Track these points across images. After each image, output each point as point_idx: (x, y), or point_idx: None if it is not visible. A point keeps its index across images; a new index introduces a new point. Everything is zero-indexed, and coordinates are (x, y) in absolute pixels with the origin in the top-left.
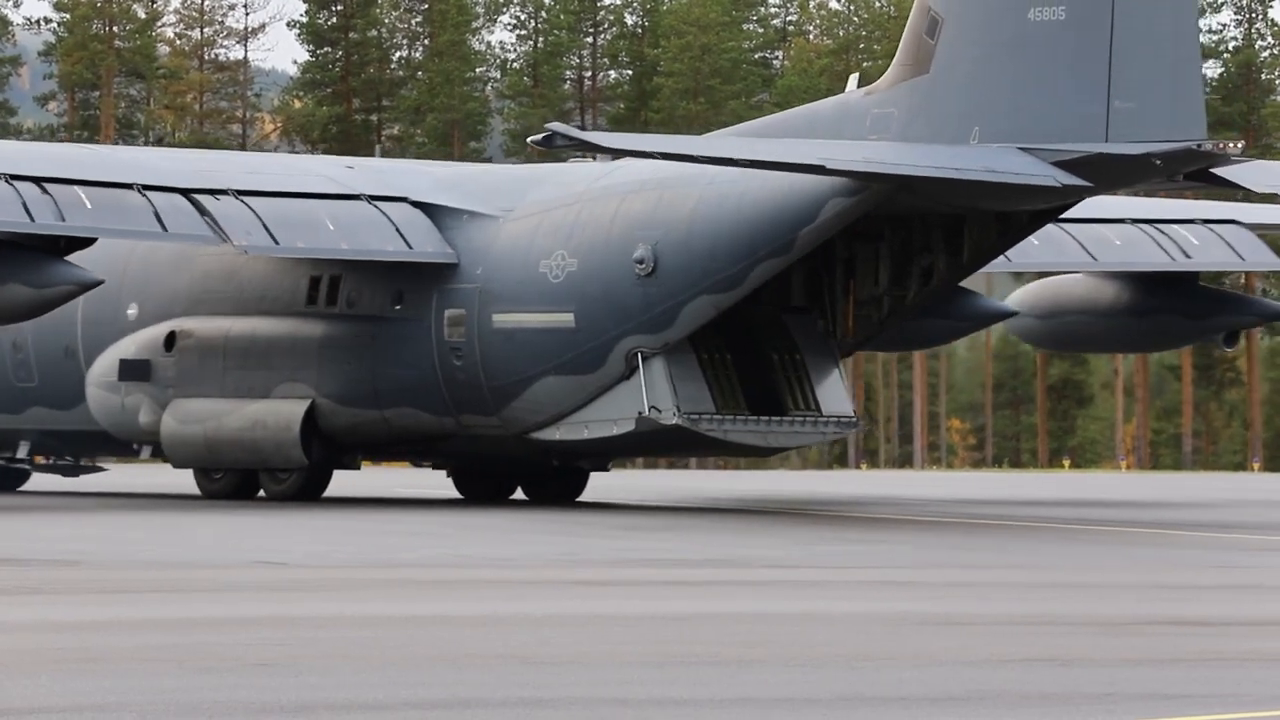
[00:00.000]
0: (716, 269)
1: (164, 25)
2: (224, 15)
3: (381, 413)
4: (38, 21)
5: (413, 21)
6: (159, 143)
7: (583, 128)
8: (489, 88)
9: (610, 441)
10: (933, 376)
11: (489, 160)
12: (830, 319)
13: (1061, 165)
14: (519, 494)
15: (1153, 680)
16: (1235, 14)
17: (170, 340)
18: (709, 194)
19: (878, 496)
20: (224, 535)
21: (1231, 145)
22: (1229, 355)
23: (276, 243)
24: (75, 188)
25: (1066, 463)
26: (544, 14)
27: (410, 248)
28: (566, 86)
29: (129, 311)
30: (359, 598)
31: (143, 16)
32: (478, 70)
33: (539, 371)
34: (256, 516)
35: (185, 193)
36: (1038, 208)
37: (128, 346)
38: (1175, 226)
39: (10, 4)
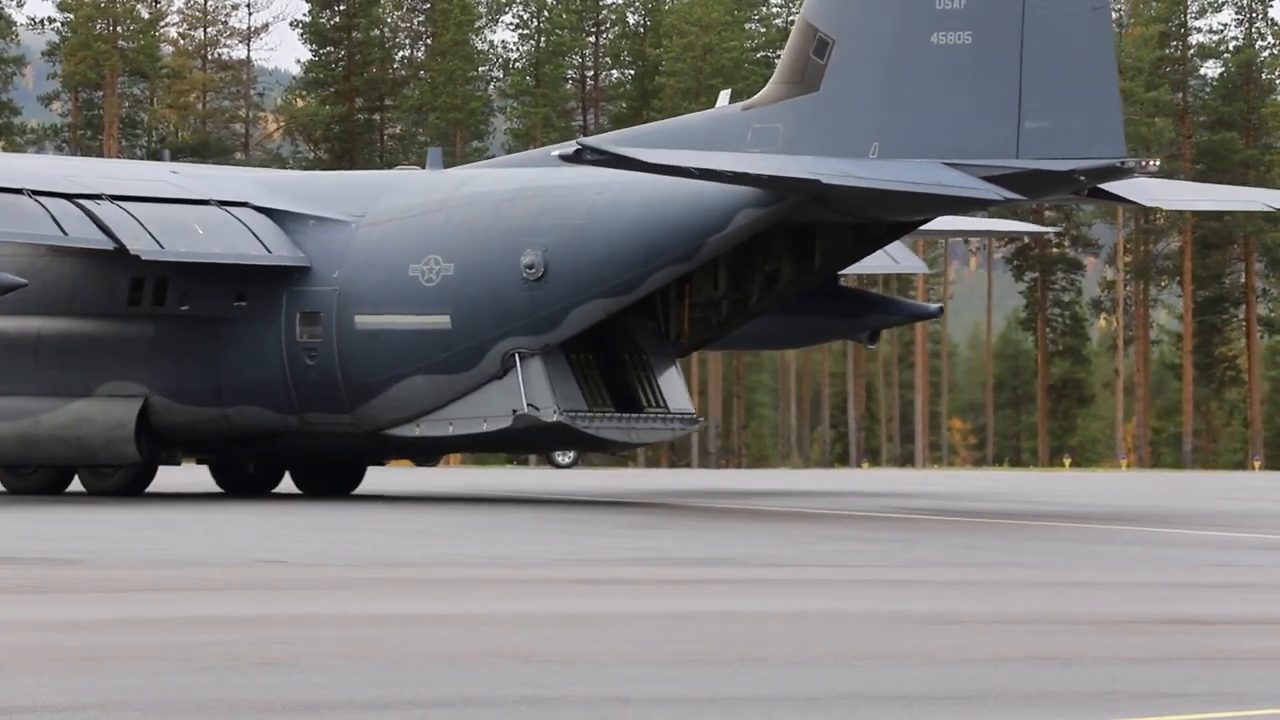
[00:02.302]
0: (612, 274)
1: (167, 25)
2: (227, 15)
3: (223, 410)
4: (41, 21)
5: (415, 21)
6: (162, 142)
7: (585, 128)
8: (491, 87)
9: (482, 438)
10: (934, 376)
11: (491, 159)
12: (664, 320)
13: (990, 180)
14: (291, 488)
15: (1153, 679)
16: (1235, 14)
17: None
18: (600, 202)
19: (878, 495)
20: (224, 534)
21: (1149, 163)
22: (1228, 354)
23: (162, 247)
24: None
25: (1067, 462)
26: (546, 13)
27: (270, 251)
28: (568, 86)
29: None
30: (360, 596)
31: (146, 16)
32: (480, 69)
33: (407, 371)
34: (255, 516)
35: (69, 198)
36: (916, 220)
37: None
38: None
39: (14, 4)
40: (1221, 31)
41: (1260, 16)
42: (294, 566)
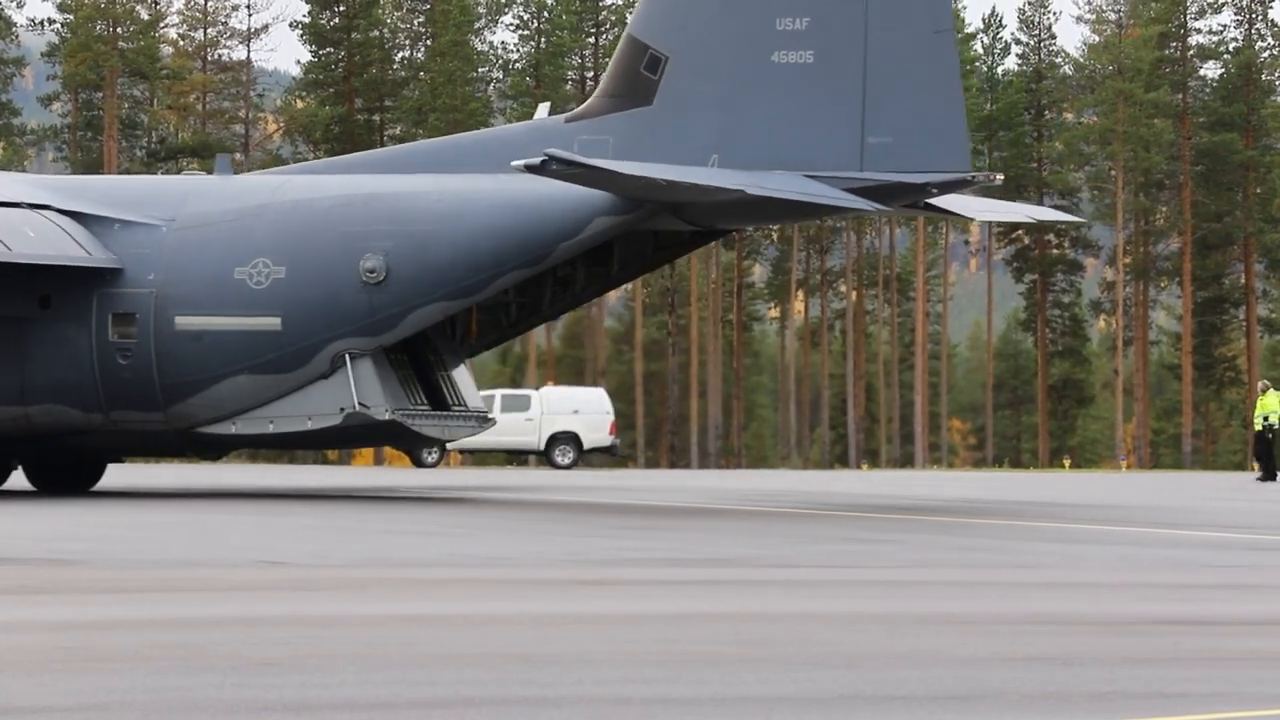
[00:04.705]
0: (457, 278)
1: (167, 26)
2: (227, 16)
3: (25, 409)
4: (41, 22)
5: (415, 22)
6: (162, 143)
7: None
8: (491, 88)
9: (308, 435)
10: (934, 376)
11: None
12: (450, 322)
13: (852, 191)
14: (25, 484)
15: (1153, 679)
16: (1235, 14)
17: None
18: (441, 207)
19: (878, 495)
20: (224, 535)
21: (995, 177)
22: (1228, 355)
23: (9, 249)
24: None
25: (1067, 462)
26: (546, 14)
27: (89, 254)
28: (568, 87)
29: None
30: (360, 597)
31: (146, 17)
32: (480, 70)
33: (230, 370)
34: (254, 516)
35: None
36: (743, 228)
37: None
38: None
39: (14, 4)
40: (1221, 32)
41: (1260, 18)
42: (294, 566)
